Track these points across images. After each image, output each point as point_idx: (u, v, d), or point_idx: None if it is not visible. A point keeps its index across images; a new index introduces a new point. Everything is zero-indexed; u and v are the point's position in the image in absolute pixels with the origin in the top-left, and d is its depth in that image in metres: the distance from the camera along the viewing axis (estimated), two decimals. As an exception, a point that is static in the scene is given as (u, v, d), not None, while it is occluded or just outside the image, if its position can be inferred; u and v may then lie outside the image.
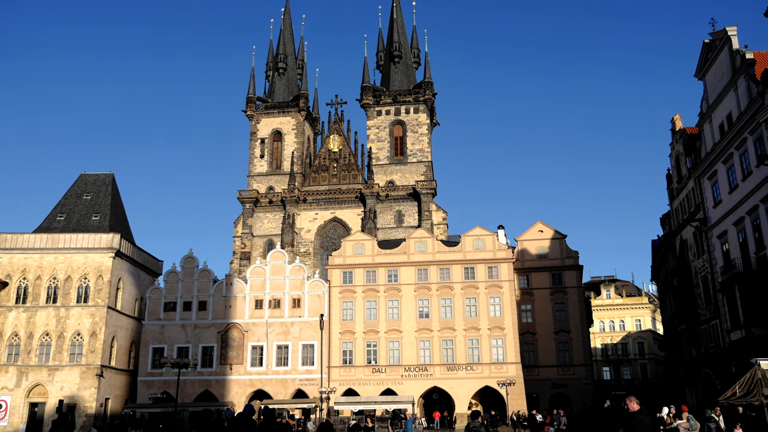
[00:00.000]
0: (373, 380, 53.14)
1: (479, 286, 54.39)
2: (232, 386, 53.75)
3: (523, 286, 58.31)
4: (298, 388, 53.40)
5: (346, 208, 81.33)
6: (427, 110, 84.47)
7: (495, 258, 55.01)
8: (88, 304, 54.44)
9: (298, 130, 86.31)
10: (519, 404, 49.78)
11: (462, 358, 53.06)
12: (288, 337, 54.43)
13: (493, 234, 56.57)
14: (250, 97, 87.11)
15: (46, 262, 55.43)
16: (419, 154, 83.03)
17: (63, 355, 53.21)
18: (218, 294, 56.10)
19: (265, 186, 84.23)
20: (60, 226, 58.29)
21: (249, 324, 54.92)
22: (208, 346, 54.94)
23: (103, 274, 55.12)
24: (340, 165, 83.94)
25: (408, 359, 53.46)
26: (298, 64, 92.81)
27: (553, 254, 58.99)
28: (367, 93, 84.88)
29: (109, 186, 62.49)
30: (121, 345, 56.84)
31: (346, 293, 55.34)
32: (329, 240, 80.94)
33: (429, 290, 54.74)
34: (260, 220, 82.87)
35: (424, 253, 56.01)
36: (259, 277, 56.27)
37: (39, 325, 53.81)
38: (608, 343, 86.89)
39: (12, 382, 52.52)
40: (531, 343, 56.79)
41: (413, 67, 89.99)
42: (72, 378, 52.54)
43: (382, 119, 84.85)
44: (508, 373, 51.77)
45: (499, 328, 53.29)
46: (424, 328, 53.95)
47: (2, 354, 53.21)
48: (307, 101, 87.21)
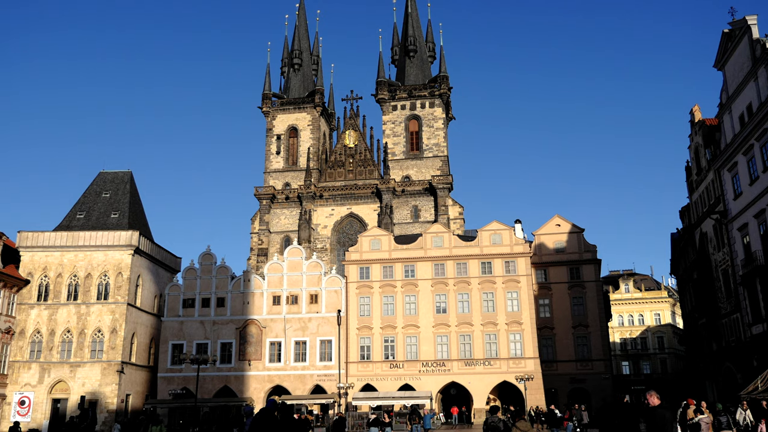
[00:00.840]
0: (390, 375, 53.22)
1: (496, 281, 54.22)
2: (250, 382, 54.11)
3: (541, 280, 58.02)
4: (316, 384, 53.63)
5: (363, 203, 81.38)
6: (442, 104, 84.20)
7: (512, 252, 54.78)
8: (108, 301, 55.02)
9: (314, 126, 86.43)
10: (537, 399, 49.62)
11: (480, 353, 52.96)
12: (306, 333, 54.65)
13: (510, 228, 56.34)
14: (266, 94, 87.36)
15: (66, 260, 56.08)
16: (435, 148, 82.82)
17: (84, 351, 53.86)
18: (236, 290, 56.43)
19: (281, 182, 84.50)
20: (80, 224, 58.92)
21: (267, 320, 55.22)
22: (226, 342, 55.32)
23: (123, 272, 55.65)
24: (356, 160, 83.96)
25: (425, 354, 53.46)
26: (313, 59, 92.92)
27: (571, 248, 58.62)
28: (382, 88, 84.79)
29: (127, 184, 63.02)
30: (141, 341, 57.40)
31: (363, 289, 55.42)
32: (346, 236, 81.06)
33: (446, 285, 54.66)
34: (277, 216, 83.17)
35: (440, 248, 55.93)
36: (276, 274, 56.53)
37: (60, 322, 54.50)
38: (627, 337, 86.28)
39: (35, 378, 53.28)
40: (549, 337, 56.52)
41: (428, 61, 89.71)
42: (93, 374, 53.17)
43: (398, 114, 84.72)
44: (527, 368, 51.60)
45: (516, 323, 53.11)
46: (442, 323, 53.91)
47: (25, 351, 53.99)
48: (322, 97, 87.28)
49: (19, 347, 54.03)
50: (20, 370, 53.58)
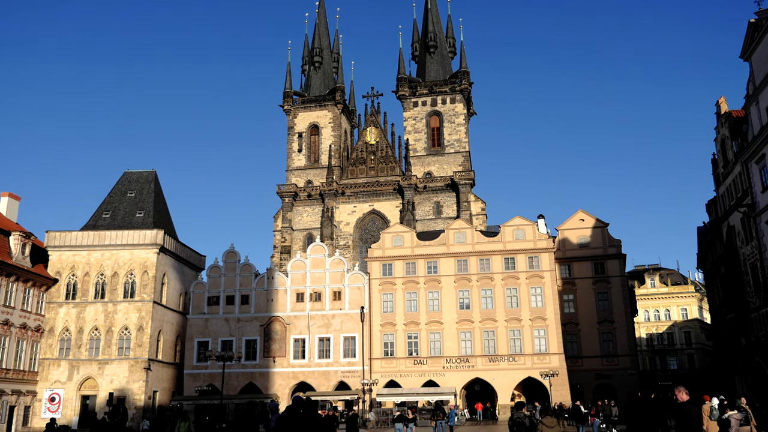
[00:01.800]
0: (414, 372, 53.25)
1: (520, 277, 53.94)
2: (275, 378, 54.49)
3: (565, 275, 57.60)
4: (341, 380, 53.84)
5: (385, 200, 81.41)
6: (463, 100, 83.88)
7: (535, 248, 54.45)
8: (135, 299, 55.71)
9: (335, 123, 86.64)
10: (563, 395, 49.32)
11: (504, 349, 52.75)
12: (329, 330, 54.88)
13: (533, 224, 56.00)
14: (287, 92, 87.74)
15: (93, 259, 56.87)
16: (456, 144, 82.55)
17: (112, 349, 54.62)
18: (260, 288, 56.83)
19: (303, 180, 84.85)
20: (106, 224, 59.71)
21: (291, 317, 55.54)
22: (251, 339, 55.74)
23: (148, 270, 56.30)
24: (378, 157, 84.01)
25: (449, 351, 53.38)
26: (333, 57, 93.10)
27: (595, 243, 58.10)
28: (402, 84, 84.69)
29: (151, 183, 63.68)
30: (167, 339, 58.06)
31: (386, 285, 55.47)
32: (368, 232, 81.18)
33: (469, 281, 54.51)
34: (299, 213, 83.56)
35: (463, 244, 55.76)
36: (299, 271, 56.81)
37: (88, 320, 55.33)
38: (653, 332, 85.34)
39: (64, 375, 54.17)
40: (574, 333, 56.12)
41: (449, 56, 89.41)
42: (121, 371, 53.92)
43: (419, 110, 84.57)
44: (551, 363, 51.29)
45: (541, 319, 52.81)
46: (465, 319, 53.77)
47: (55, 348, 54.91)
48: (343, 94, 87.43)
49: (49, 345, 54.97)
50: (50, 368, 54.51)
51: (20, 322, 52.64)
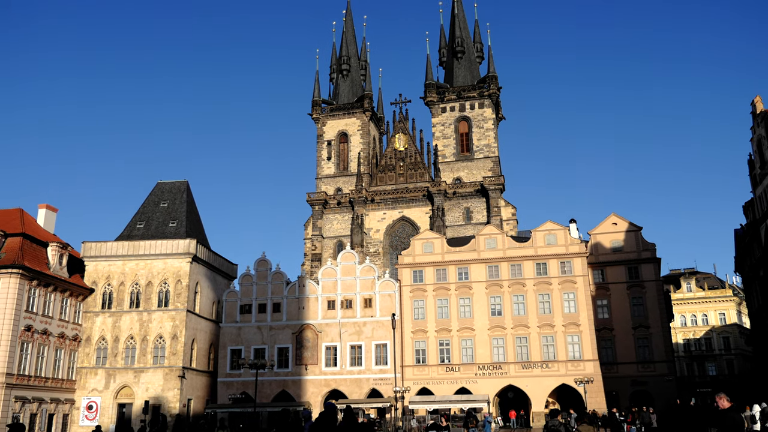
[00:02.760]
0: (446, 379, 52.92)
1: (552, 282, 53.35)
2: (308, 386, 54.63)
3: (598, 280, 56.82)
4: (373, 388, 53.75)
5: (414, 206, 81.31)
6: (492, 105, 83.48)
7: (567, 253, 53.83)
8: (169, 308, 56.41)
9: (364, 130, 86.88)
10: (598, 402, 48.53)
11: (537, 356, 52.17)
12: (361, 337, 54.87)
13: (564, 228, 55.40)
14: (315, 101, 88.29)
15: (128, 269, 57.77)
16: (486, 149, 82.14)
17: (147, 357, 55.33)
18: (291, 296, 57.12)
19: (333, 188, 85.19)
20: (140, 234, 60.63)
21: (322, 324, 55.68)
22: (283, 347, 56.02)
23: (182, 279, 56.99)
24: (407, 164, 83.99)
25: (481, 357, 52.97)
26: (361, 65, 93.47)
27: (629, 247, 57.23)
28: (430, 90, 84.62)
29: (184, 193, 64.52)
30: (200, 347, 58.65)
31: (417, 292, 55.31)
32: (398, 239, 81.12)
33: (500, 287, 54.08)
34: (329, 221, 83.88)
35: (494, 249, 55.38)
36: (330, 278, 56.96)
37: (124, 329, 56.16)
38: (691, 338, 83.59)
39: (101, 384, 55.03)
40: (608, 339, 55.28)
41: (476, 61, 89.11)
42: (156, 379, 54.58)
43: (447, 116, 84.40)
44: (586, 370, 50.56)
45: (574, 325, 52.13)
46: (497, 325, 53.33)
47: (91, 357, 55.83)
48: (371, 102, 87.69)
49: (86, 354, 55.92)
50: (87, 376, 55.44)
51: (58, 332, 53.67)
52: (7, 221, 55.14)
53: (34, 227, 57.43)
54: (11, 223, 54.72)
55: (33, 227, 57.23)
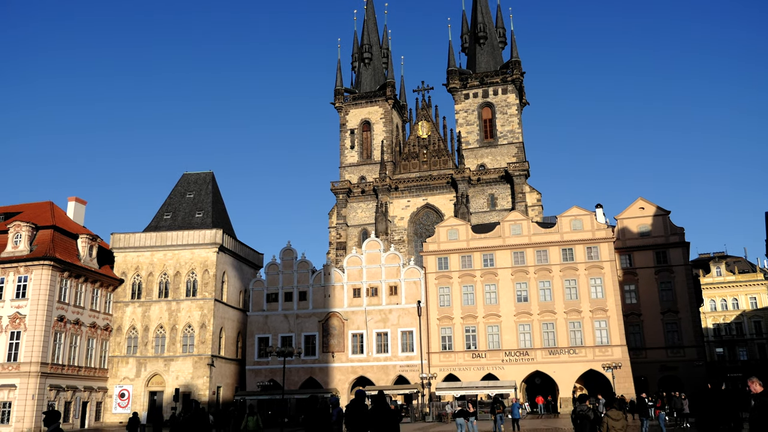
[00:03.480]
0: (473, 365, 52.95)
1: (579, 268, 52.96)
2: (335, 373, 55.05)
3: (626, 265, 56.28)
4: (399, 374, 53.99)
5: (438, 194, 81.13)
6: (515, 90, 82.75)
7: (594, 238, 53.37)
8: (197, 297, 57.16)
9: (387, 118, 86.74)
10: (626, 388, 48.22)
11: (564, 342, 51.93)
12: (387, 325, 55.08)
13: (591, 213, 54.88)
14: (338, 89, 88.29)
15: (156, 259, 58.60)
16: (509, 135, 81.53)
17: (176, 346, 56.20)
18: (317, 284, 57.48)
19: (356, 176, 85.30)
20: (167, 225, 61.41)
21: (348, 312, 55.98)
22: (310, 335, 56.47)
23: (209, 269, 57.66)
24: (430, 151, 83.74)
25: (508, 344, 52.87)
26: (383, 53, 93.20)
27: (656, 232, 56.56)
28: (453, 77, 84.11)
29: (209, 184, 65.14)
30: (228, 335, 59.38)
31: (442, 279, 55.30)
32: (422, 227, 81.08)
33: (526, 273, 53.84)
34: (354, 210, 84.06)
35: (519, 235, 55.10)
36: (355, 266, 57.18)
37: (153, 319, 57.07)
38: (721, 322, 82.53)
39: (132, 372, 56.06)
40: (636, 324, 54.82)
41: (499, 47, 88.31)
42: (185, 368, 55.43)
43: (470, 102, 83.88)
44: (613, 356, 50.23)
45: (601, 310, 51.76)
46: (523, 311, 53.16)
47: (122, 346, 56.87)
48: (393, 89, 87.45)
49: (117, 343, 56.97)
50: (119, 365, 56.51)
51: (90, 322, 54.72)
52: (38, 214, 56.21)
53: (64, 220, 58.46)
54: (42, 216, 55.79)
55: (63, 220, 58.26)
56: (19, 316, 49.86)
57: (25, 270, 50.84)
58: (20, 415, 47.68)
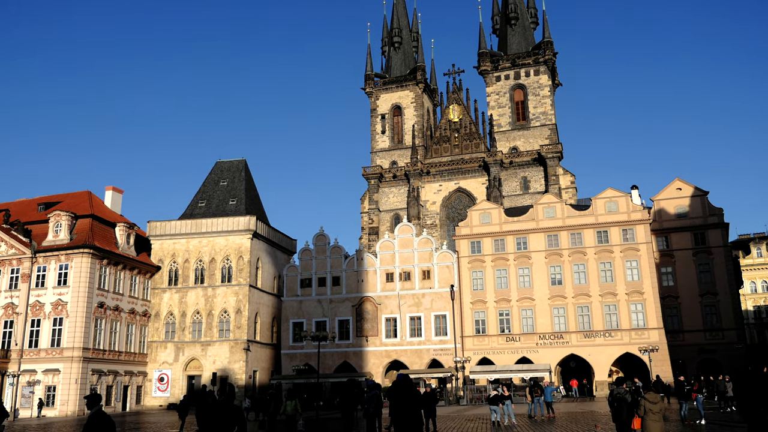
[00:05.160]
0: (507, 349, 52.79)
1: (614, 250, 52.28)
2: (369, 357, 55.43)
3: (662, 247, 55.37)
4: (433, 358, 54.13)
5: (470, 177, 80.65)
6: (548, 71, 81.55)
7: (630, 220, 52.58)
8: (232, 283, 57.97)
9: (417, 103, 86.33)
10: (664, 371, 47.61)
11: (599, 325, 51.43)
12: (420, 309, 55.18)
13: (626, 195, 54.03)
14: (368, 74, 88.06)
15: (192, 246, 59.52)
16: (542, 117, 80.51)
17: (213, 331, 57.17)
18: (350, 269, 57.77)
19: (388, 161, 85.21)
20: (202, 212, 62.28)
21: (381, 297, 56.20)
22: (343, 320, 56.88)
23: (243, 255, 58.38)
24: (462, 135, 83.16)
25: (542, 327, 52.57)
26: (412, 36, 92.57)
27: (694, 213, 55.47)
28: (484, 59, 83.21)
29: (242, 171, 65.77)
30: (263, 321, 60.16)
31: (475, 263, 55.10)
32: (455, 211, 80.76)
33: (560, 256, 53.34)
34: (385, 195, 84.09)
35: (553, 218, 54.55)
36: (388, 251, 57.29)
37: (190, 305, 58.09)
38: (762, 305, 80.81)
39: (171, 357, 57.24)
40: (674, 307, 53.98)
41: (531, 28, 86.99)
42: (222, 352, 56.39)
43: (502, 84, 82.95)
44: (650, 338, 49.59)
45: (637, 293, 51.08)
46: (558, 295, 52.74)
47: (161, 331, 58.07)
48: (424, 73, 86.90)
49: (156, 328, 58.18)
50: (158, 350, 57.73)
51: (129, 308, 55.95)
52: (76, 204, 57.48)
53: (102, 209, 59.69)
54: (81, 206, 57.04)
55: (101, 209, 59.49)
56: (61, 303, 51.21)
57: (66, 258, 52.11)
58: (64, 398, 49.13)
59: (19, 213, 57.72)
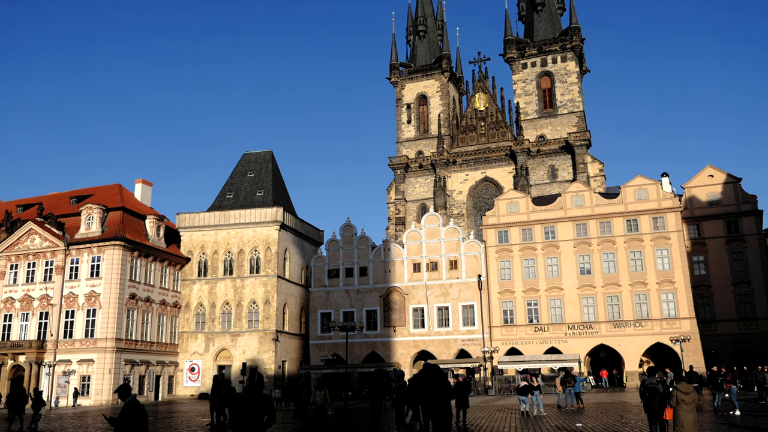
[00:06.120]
0: (535, 339, 52.51)
1: (644, 239, 51.58)
2: (396, 347, 55.56)
3: (694, 236, 54.49)
4: (461, 348, 54.07)
5: (497, 166, 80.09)
6: (575, 58, 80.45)
7: (660, 208, 51.80)
8: (260, 274, 58.47)
9: (443, 92, 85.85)
10: (696, 361, 46.92)
11: (629, 315, 50.86)
12: (447, 299, 55.10)
13: (656, 182, 53.22)
14: (393, 64, 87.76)
15: (220, 238, 60.14)
16: (570, 104, 79.53)
17: (242, 321, 57.79)
18: (377, 259, 57.87)
19: (414, 151, 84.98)
20: (230, 204, 62.85)
21: (408, 287, 56.23)
22: (371, 310, 57.05)
23: (271, 246, 58.82)
24: (488, 123, 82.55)
25: (571, 317, 52.16)
26: (437, 25, 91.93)
27: (727, 200, 54.44)
28: (510, 46, 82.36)
29: (269, 163, 66.16)
30: (292, 311, 60.63)
31: (503, 252, 54.80)
32: (481, 200, 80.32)
33: (589, 245, 52.79)
34: (412, 185, 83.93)
35: (581, 207, 53.97)
36: (415, 241, 57.25)
37: (219, 296, 58.76)
38: (796, 293, 79.01)
39: (201, 347, 58.03)
40: (706, 296, 53.15)
41: (557, 13, 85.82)
42: (252, 342, 56.99)
43: (528, 72, 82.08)
44: (682, 328, 48.92)
45: (668, 282, 50.37)
46: (587, 284, 52.25)
47: (191, 322, 58.86)
48: (449, 62, 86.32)
49: (186, 319, 58.99)
50: (188, 340, 58.56)
51: (159, 299, 56.78)
52: (107, 197, 58.39)
53: (132, 201, 60.54)
54: (111, 198, 57.93)
55: (131, 201, 60.34)
56: (94, 295, 52.16)
57: (98, 250, 53.03)
58: (98, 387, 50.15)
59: (52, 206, 58.85)
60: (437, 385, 12.00)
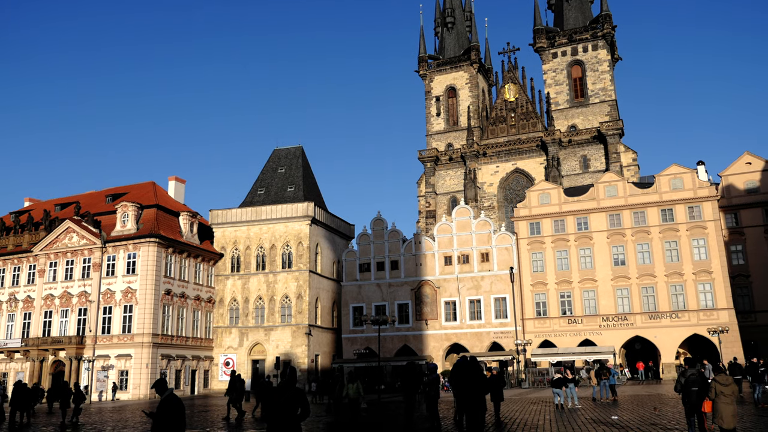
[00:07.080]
0: (569, 331, 52.02)
1: (680, 229, 50.67)
2: (428, 341, 55.55)
3: (731, 225, 53.32)
4: (493, 341, 53.84)
5: (528, 157, 79.36)
6: (606, 46, 79.18)
7: (696, 197, 50.81)
8: (292, 269, 58.92)
9: (472, 83, 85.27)
10: (734, 352, 45.99)
11: (665, 306, 50.06)
12: (479, 292, 54.88)
13: (692, 171, 52.19)
14: (422, 57, 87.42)
15: (252, 233, 60.73)
16: (601, 93, 78.37)
17: (275, 316, 58.33)
18: (408, 253, 57.87)
19: (443, 144, 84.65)
20: (261, 199, 63.39)
21: (440, 280, 56.13)
22: (403, 303, 57.11)
23: (302, 241, 59.21)
24: (518, 114, 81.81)
25: (605, 309, 51.53)
26: (465, 16, 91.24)
27: (765, 187, 53.12)
28: (540, 36, 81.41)
29: (299, 158, 66.53)
30: (324, 305, 60.99)
31: (535, 244, 54.35)
32: (512, 192, 79.70)
33: (623, 236, 52.05)
34: (442, 177, 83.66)
35: (614, 197, 53.22)
36: (445, 234, 57.10)
37: (252, 290, 59.38)
38: (839, 282, 76.92)
39: (235, 342, 58.74)
40: (744, 286, 52.00)
41: (588, 1, 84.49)
42: (285, 337, 57.51)
43: (558, 61, 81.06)
44: (719, 319, 47.99)
45: (705, 272, 49.42)
46: (621, 275, 51.55)
47: (225, 317, 59.61)
48: (478, 53, 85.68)
49: (220, 314, 59.76)
50: (223, 335, 59.33)
51: (194, 294, 57.59)
52: (142, 194, 59.37)
53: (166, 198, 61.45)
54: (146, 196, 58.88)
55: (165, 199, 61.25)
56: (130, 291, 53.15)
57: (134, 247, 53.98)
58: (136, 382, 51.12)
59: (88, 205, 60.05)
60: (472, 379, 11.98)
